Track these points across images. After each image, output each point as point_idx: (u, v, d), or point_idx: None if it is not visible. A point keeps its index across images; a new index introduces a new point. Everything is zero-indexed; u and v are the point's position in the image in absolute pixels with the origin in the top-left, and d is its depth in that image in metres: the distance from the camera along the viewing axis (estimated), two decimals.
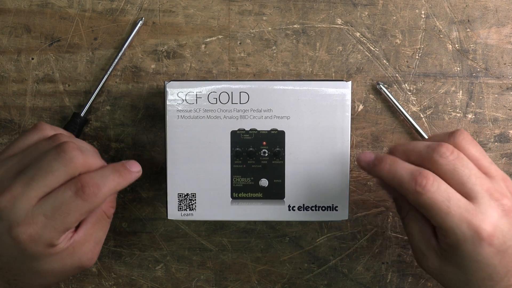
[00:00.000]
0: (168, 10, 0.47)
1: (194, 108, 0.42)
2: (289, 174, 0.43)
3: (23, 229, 0.34)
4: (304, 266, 0.49)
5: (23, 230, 0.34)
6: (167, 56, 0.47)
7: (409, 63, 0.48)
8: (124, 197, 0.48)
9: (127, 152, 0.48)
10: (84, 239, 0.37)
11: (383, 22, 0.47)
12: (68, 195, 0.35)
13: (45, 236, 0.35)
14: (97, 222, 0.38)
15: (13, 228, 0.34)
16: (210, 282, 0.49)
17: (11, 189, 0.35)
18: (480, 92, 0.48)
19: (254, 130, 0.43)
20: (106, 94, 0.48)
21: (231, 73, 0.48)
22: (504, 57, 0.48)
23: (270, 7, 0.47)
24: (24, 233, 0.34)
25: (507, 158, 0.48)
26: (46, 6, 0.47)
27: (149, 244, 0.49)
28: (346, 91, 0.42)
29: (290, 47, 0.47)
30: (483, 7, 0.47)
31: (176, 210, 0.43)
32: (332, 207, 0.43)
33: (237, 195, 0.43)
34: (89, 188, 0.35)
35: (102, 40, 0.47)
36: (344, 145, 0.43)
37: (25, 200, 0.34)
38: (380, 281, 0.49)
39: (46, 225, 0.34)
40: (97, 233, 0.38)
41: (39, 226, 0.34)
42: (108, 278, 0.49)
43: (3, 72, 0.47)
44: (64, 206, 0.34)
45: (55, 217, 0.34)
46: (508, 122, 0.48)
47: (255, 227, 0.49)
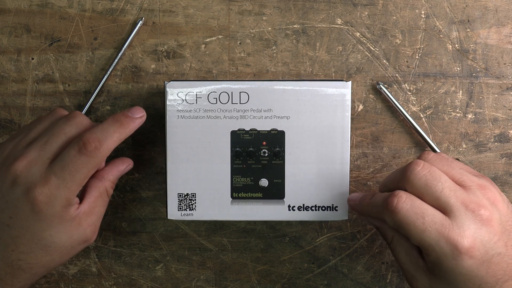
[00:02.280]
0: (168, 10, 0.47)
1: (194, 108, 0.42)
2: (289, 174, 0.43)
3: (40, 190, 0.36)
4: (304, 266, 0.49)
5: (40, 191, 0.36)
6: (167, 56, 0.47)
7: (409, 63, 0.48)
8: (124, 197, 0.48)
9: (127, 152, 0.48)
10: (89, 211, 0.39)
11: (383, 22, 0.47)
12: (73, 154, 0.37)
13: (59, 195, 0.36)
14: (99, 197, 0.40)
15: (30, 190, 0.36)
16: (210, 282, 0.49)
17: (26, 155, 0.37)
18: (480, 92, 0.48)
19: (254, 130, 0.43)
20: (106, 94, 0.48)
21: (231, 73, 0.48)
22: (504, 57, 0.48)
23: (270, 7, 0.47)
24: (41, 193, 0.36)
25: (507, 158, 0.48)
26: (46, 6, 0.47)
27: (149, 244, 0.49)
28: (346, 91, 0.42)
29: (290, 47, 0.47)
30: (483, 7, 0.47)
31: (176, 210, 0.43)
32: (332, 207, 0.43)
33: (237, 195, 0.43)
34: (90, 144, 0.37)
35: (102, 40, 0.47)
36: (344, 145, 0.43)
37: (39, 163, 0.37)
38: (380, 281, 0.49)
39: (58, 185, 0.36)
40: (99, 208, 0.40)
41: (53, 186, 0.36)
42: (108, 278, 0.49)
43: (3, 72, 0.47)
44: (70, 164, 0.37)
45: (65, 176, 0.36)
46: (508, 122, 0.48)
47: (255, 227, 0.49)
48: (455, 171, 0.38)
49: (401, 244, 0.39)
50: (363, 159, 0.48)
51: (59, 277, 0.49)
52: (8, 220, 0.37)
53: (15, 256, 0.37)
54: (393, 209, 0.35)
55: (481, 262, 0.35)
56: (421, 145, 0.48)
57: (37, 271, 0.38)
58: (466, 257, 0.34)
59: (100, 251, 0.49)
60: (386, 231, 0.40)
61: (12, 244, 0.37)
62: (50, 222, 0.37)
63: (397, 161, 0.48)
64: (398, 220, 0.35)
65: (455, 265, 0.34)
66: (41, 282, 0.49)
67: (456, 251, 0.34)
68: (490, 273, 0.35)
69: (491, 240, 0.35)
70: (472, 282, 0.35)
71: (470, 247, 0.34)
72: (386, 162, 0.48)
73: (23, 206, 0.36)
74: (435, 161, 0.38)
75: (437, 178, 0.36)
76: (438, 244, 0.34)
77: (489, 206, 0.36)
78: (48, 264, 0.38)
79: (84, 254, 0.49)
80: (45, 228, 0.37)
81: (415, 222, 0.35)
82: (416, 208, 0.35)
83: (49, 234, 0.37)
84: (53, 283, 0.49)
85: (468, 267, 0.34)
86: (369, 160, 0.48)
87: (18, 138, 0.39)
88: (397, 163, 0.48)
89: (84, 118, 0.40)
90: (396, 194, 0.36)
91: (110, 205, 0.48)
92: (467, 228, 0.35)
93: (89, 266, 0.49)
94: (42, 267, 0.38)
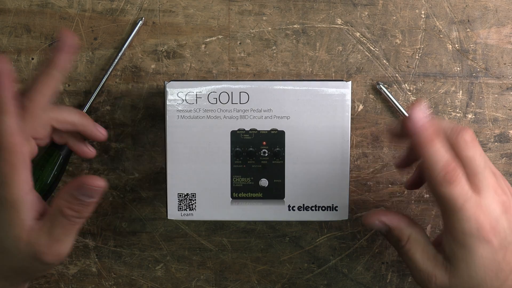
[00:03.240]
0: (168, 10, 0.47)
1: (194, 108, 0.42)
2: (289, 174, 0.43)
3: None
4: (304, 266, 0.49)
5: None
6: (167, 56, 0.47)
7: (409, 63, 0.48)
8: (124, 197, 0.48)
9: (127, 152, 0.48)
10: (39, 229, 0.36)
11: (383, 22, 0.47)
12: None
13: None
14: (51, 217, 0.37)
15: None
16: (210, 282, 0.49)
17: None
18: (480, 92, 0.48)
19: (254, 130, 0.43)
20: (106, 94, 0.48)
21: (231, 73, 0.48)
22: (504, 57, 0.48)
23: (270, 7, 0.47)
24: None
25: (507, 158, 0.48)
26: (46, 6, 0.47)
27: (149, 244, 0.49)
28: (346, 91, 0.42)
29: (290, 47, 0.47)
30: (483, 7, 0.47)
31: (176, 210, 0.43)
32: (332, 207, 0.43)
33: (237, 195, 0.43)
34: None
35: (102, 40, 0.47)
36: (344, 145, 0.42)
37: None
38: (380, 281, 0.49)
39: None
40: (53, 229, 0.37)
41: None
42: (108, 278, 0.49)
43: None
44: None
45: None
46: (508, 122, 0.48)
47: (255, 227, 0.49)
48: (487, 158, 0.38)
49: (418, 243, 0.39)
50: (363, 159, 0.48)
51: (59, 277, 0.49)
52: None
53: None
54: (446, 183, 0.35)
55: (500, 247, 0.35)
56: None
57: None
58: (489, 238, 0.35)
59: (100, 251, 0.49)
60: (403, 231, 0.39)
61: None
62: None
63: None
64: (444, 193, 0.35)
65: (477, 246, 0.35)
66: (41, 282, 0.49)
67: (482, 230, 0.35)
68: (506, 260, 0.36)
69: (509, 227, 0.36)
70: (490, 268, 0.36)
71: (493, 228, 0.35)
72: (386, 162, 0.48)
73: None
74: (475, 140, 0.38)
75: (483, 156, 0.36)
76: (468, 222, 0.35)
77: (509, 195, 0.37)
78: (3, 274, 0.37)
79: (84, 254, 0.49)
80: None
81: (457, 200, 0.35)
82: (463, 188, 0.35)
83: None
84: (53, 283, 0.49)
85: (488, 249, 0.35)
86: (369, 160, 0.48)
87: None
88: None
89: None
90: (456, 173, 0.35)
91: (110, 205, 0.48)
92: (492, 210, 0.35)
93: (89, 266, 0.49)
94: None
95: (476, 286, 0.36)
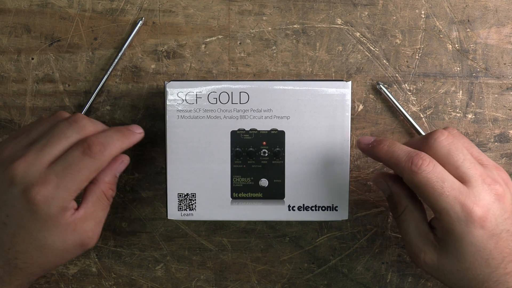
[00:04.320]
0: (168, 10, 0.47)
1: (194, 108, 0.42)
2: (289, 174, 0.43)
3: (38, 189, 0.36)
4: (304, 266, 0.49)
5: (37, 190, 0.36)
6: (167, 56, 0.47)
7: (409, 63, 0.48)
8: (124, 197, 0.48)
9: (127, 152, 0.48)
10: (85, 216, 0.39)
11: (383, 22, 0.47)
12: (77, 155, 0.37)
13: (58, 196, 0.36)
14: (97, 201, 0.40)
15: (28, 189, 0.36)
16: (210, 282, 0.49)
17: (24, 156, 0.37)
18: (480, 92, 0.48)
19: (254, 130, 0.43)
20: (106, 94, 0.48)
21: (231, 73, 0.48)
22: (504, 57, 0.48)
23: (270, 7, 0.47)
24: (38, 193, 0.36)
25: (507, 158, 0.48)
26: (46, 6, 0.47)
27: (149, 244, 0.49)
28: (346, 91, 0.42)
29: (290, 47, 0.47)
30: (483, 7, 0.47)
31: (176, 210, 0.43)
32: (332, 207, 0.43)
33: (237, 195, 0.43)
34: (95, 147, 0.38)
35: (102, 40, 0.47)
36: (344, 145, 0.43)
37: (38, 164, 0.37)
38: (380, 281, 0.49)
39: (58, 184, 0.36)
40: (97, 213, 0.40)
41: (52, 185, 0.36)
42: (108, 278, 0.49)
43: (3, 72, 0.47)
44: (73, 165, 0.37)
45: (66, 176, 0.37)
46: (508, 122, 0.48)
47: (255, 227, 0.49)
48: (474, 149, 0.39)
49: (412, 217, 0.39)
50: (363, 159, 0.48)
51: (59, 277, 0.49)
52: (5, 218, 0.37)
53: (12, 255, 0.37)
54: (416, 169, 0.36)
55: (491, 235, 0.36)
56: None
57: (33, 270, 0.38)
58: (478, 226, 0.35)
59: (100, 251, 0.49)
60: (401, 200, 0.40)
61: (8, 243, 0.37)
62: (45, 223, 0.37)
63: None
64: (418, 181, 0.36)
65: (466, 232, 0.35)
66: (41, 282, 0.49)
67: (470, 217, 0.35)
68: (498, 248, 0.36)
69: (502, 216, 0.36)
70: (480, 254, 0.36)
71: (483, 216, 0.35)
72: None
73: (20, 205, 0.36)
74: (457, 136, 0.39)
75: (459, 149, 0.37)
76: (453, 208, 0.35)
77: (503, 184, 0.37)
78: (43, 265, 0.38)
79: (84, 254, 0.49)
80: (40, 229, 0.37)
81: (434, 185, 0.36)
82: (437, 173, 0.36)
83: (43, 235, 0.37)
84: (53, 283, 0.49)
85: (478, 236, 0.35)
86: (369, 160, 0.48)
87: (19, 138, 0.39)
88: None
89: (87, 122, 0.40)
90: (422, 156, 0.36)
91: (110, 205, 0.48)
92: (482, 199, 0.36)
93: (89, 266, 0.49)
94: (38, 267, 0.38)
95: (465, 270, 0.37)
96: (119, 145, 0.39)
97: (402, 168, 0.37)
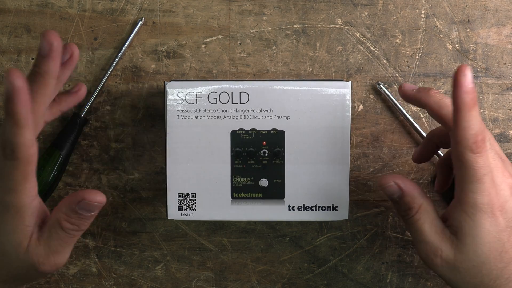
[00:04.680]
0: (168, 10, 0.47)
1: (194, 108, 0.42)
2: (289, 174, 0.43)
3: None
4: (304, 266, 0.49)
5: None
6: (167, 56, 0.47)
7: (409, 63, 0.48)
8: (124, 197, 0.48)
9: (127, 152, 0.48)
10: (37, 239, 0.37)
11: (383, 22, 0.47)
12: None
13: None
14: (49, 228, 0.37)
15: None
16: (210, 282, 0.49)
17: None
18: (480, 92, 0.48)
19: (254, 130, 0.43)
20: (106, 94, 0.48)
21: (231, 73, 0.48)
22: (504, 57, 0.48)
23: (270, 7, 0.47)
24: None
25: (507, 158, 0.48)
26: (46, 6, 0.47)
27: (149, 244, 0.49)
28: (346, 91, 0.42)
29: (290, 47, 0.47)
30: (483, 7, 0.47)
31: (176, 210, 0.43)
32: (332, 207, 0.43)
33: (237, 195, 0.43)
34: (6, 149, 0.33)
35: (102, 40, 0.47)
36: (344, 145, 0.42)
37: None
38: (380, 281, 0.49)
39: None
40: (51, 241, 0.37)
41: None
42: (108, 278, 0.49)
43: (3, 72, 0.47)
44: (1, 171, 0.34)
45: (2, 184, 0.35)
46: (508, 122, 0.48)
47: (255, 227, 0.49)
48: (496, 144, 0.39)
49: (428, 214, 0.39)
50: (363, 159, 0.48)
51: (59, 277, 0.49)
52: None
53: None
54: (474, 151, 0.35)
55: (505, 227, 0.36)
56: None
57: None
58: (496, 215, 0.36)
59: (100, 251, 0.49)
60: (415, 199, 0.39)
61: None
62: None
63: (397, 161, 0.48)
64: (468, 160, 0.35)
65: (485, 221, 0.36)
66: (41, 282, 0.49)
67: (492, 206, 0.36)
68: (511, 241, 0.36)
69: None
70: (494, 246, 0.36)
71: (502, 207, 0.36)
72: (386, 162, 0.48)
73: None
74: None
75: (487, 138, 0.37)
76: (482, 196, 0.36)
77: None
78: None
79: (84, 254, 0.49)
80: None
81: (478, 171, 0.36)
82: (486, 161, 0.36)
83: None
84: (53, 283, 0.49)
85: (495, 224, 0.36)
86: (369, 160, 0.48)
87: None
88: (397, 163, 0.48)
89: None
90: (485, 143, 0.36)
91: (110, 205, 0.48)
92: (503, 189, 0.36)
93: (89, 266, 0.49)
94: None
95: (481, 264, 0.37)
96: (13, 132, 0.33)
97: (466, 141, 0.35)
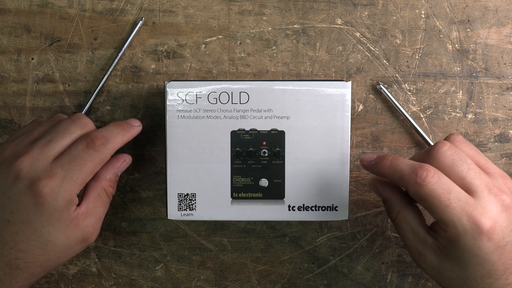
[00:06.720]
0: (168, 10, 0.47)
1: (194, 108, 0.42)
2: (289, 174, 0.43)
3: (45, 182, 0.37)
4: (304, 266, 0.49)
5: (44, 183, 0.37)
6: (167, 56, 0.47)
7: (409, 63, 0.48)
8: (124, 197, 0.48)
9: (127, 152, 0.48)
10: (86, 212, 0.39)
11: (383, 22, 0.47)
12: (81, 148, 0.38)
13: (64, 188, 0.37)
14: (97, 197, 0.41)
15: (34, 183, 0.37)
16: (210, 282, 0.49)
17: (29, 152, 0.38)
18: (480, 92, 0.48)
19: (254, 130, 0.43)
20: (106, 94, 0.48)
21: (231, 73, 0.48)
22: (504, 57, 0.48)
23: (270, 7, 0.47)
24: (45, 186, 0.37)
25: (507, 158, 0.48)
26: (46, 6, 0.47)
27: (149, 244, 0.49)
28: (346, 91, 0.42)
29: (290, 47, 0.47)
30: (483, 7, 0.47)
31: (176, 210, 0.43)
32: (332, 207, 0.43)
33: (237, 195, 0.43)
34: (98, 140, 0.39)
35: (102, 40, 0.47)
36: (344, 145, 0.43)
37: (43, 158, 0.38)
38: (380, 281, 0.49)
39: (64, 177, 0.37)
40: (98, 209, 0.40)
41: (59, 178, 0.37)
42: (108, 278, 0.49)
43: (3, 72, 0.47)
44: (78, 157, 0.38)
45: (72, 169, 0.38)
46: (508, 122, 0.48)
47: (255, 227, 0.49)
48: (480, 156, 0.39)
49: (407, 221, 0.39)
50: None
51: (59, 277, 0.49)
52: (9, 215, 0.37)
53: (14, 255, 0.37)
54: (421, 181, 0.35)
55: (497, 247, 0.35)
56: (421, 145, 0.48)
57: (34, 270, 0.38)
58: (485, 238, 0.35)
59: (100, 251, 0.49)
60: (393, 206, 0.40)
61: (11, 242, 0.37)
62: (50, 217, 0.37)
63: None
64: (424, 193, 0.35)
65: (472, 244, 0.35)
66: (41, 282, 0.49)
67: (477, 230, 0.34)
68: (502, 260, 0.35)
69: (508, 227, 0.35)
70: (483, 266, 0.35)
71: (491, 228, 0.35)
72: None
73: (26, 199, 0.37)
74: (461, 143, 0.39)
75: (463, 159, 0.37)
76: (460, 220, 0.35)
77: (510, 194, 0.36)
78: (45, 263, 0.39)
79: (84, 254, 0.49)
80: (45, 224, 0.37)
81: (440, 197, 0.35)
82: (442, 184, 0.35)
83: (47, 231, 0.37)
84: (53, 283, 0.49)
85: (484, 248, 0.35)
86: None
87: (19, 139, 0.40)
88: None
89: (88, 120, 0.41)
90: (427, 167, 0.36)
91: (110, 205, 0.48)
92: (489, 210, 0.35)
93: (89, 266, 0.49)
94: (40, 267, 0.39)
95: (465, 278, 0.36)
96: (120, 138, 0.41)
97: (407, 181, 0.36)
